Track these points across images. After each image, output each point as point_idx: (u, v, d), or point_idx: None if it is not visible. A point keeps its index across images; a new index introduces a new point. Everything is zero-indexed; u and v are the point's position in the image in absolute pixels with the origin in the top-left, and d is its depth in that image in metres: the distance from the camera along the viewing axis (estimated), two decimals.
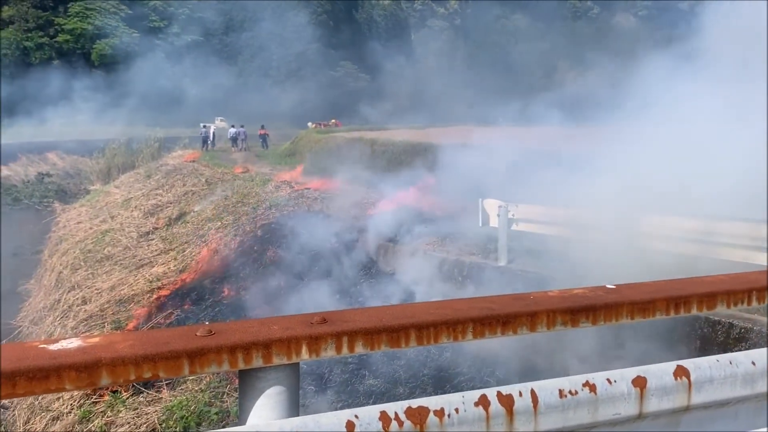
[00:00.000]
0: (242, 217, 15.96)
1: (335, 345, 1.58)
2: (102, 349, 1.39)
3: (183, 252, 15.01)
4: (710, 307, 2.03)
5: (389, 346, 1.65)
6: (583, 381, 1.75)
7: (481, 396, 1.64)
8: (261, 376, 1.53)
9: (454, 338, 1.72)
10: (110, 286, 13.39)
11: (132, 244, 16.62)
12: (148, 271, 14.13)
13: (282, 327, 1.58)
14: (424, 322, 1.68)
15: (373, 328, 1.63)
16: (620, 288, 2.04)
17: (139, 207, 21.08)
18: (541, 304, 1.85)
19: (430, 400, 1.59)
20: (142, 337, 1.48)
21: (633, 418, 1.80)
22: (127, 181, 27.98)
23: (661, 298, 1.96)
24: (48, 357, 1.34)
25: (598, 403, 1.74)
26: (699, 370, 1.88)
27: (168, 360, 1.41)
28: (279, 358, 1.52)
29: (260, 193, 18.46)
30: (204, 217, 17.29)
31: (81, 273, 14.74)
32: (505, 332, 1.77)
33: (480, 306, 1.79)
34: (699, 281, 2.14)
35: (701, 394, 1.87)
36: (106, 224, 20.01)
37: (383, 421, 1.51)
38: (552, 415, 1.69)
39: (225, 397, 8.05)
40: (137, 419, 7.97)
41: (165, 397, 8.35)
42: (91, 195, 28.86)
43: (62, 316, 12.26)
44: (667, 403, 1.83)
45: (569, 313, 1.85)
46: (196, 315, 11.39)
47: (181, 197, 20.93)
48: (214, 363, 1.46)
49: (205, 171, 24.56)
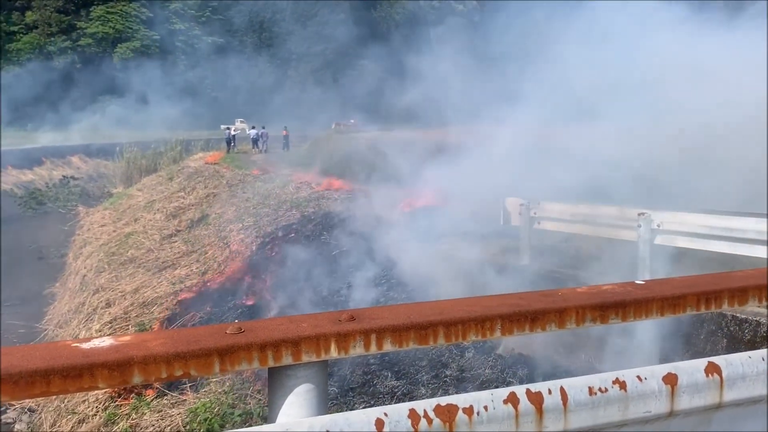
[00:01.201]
0: (263, 219, 16.03)
1: (363, 342, 1.58)
2: (134, 348, 1.40)
3: (205, 254, 15.11)
4: (742, 303, 2.00)
5: (417, 344, 1.65)
6: (613, 378, 1.73)
7: (510, 393, 1.62)
8: (290, 373, 1.53)
9: (482, 335, 1.71)
10: (134, 288, 13.50)
11: (155, 247, 16.77)
12: (171, 274, 14.24)
13: (311, 324, 1.58)
14: (452, 319, 1.67)
15: (401, 326, 1.62)
16: (650, 284, 2.02)
17: (161, 209, 21.26)
18: (569, 300, 1.84)
19: (459, 398, 1.59)
20: (173, 336, 1.48)
21: (664, 415, 1.78)
22: (150, 183, 28.23)
23: (692, 294, 1.93)
24: (81, 355, 1.35)
25: (629, 400, 1.72)
26: (731, 366, 1.85)
27: (199, 358, 1.41)
28: (308, 355, 1.53)
29: (280, 194, 18.54)
30: (225, 219, 17.40)
31: (105, 276, 14.89)
32: (534, 329, 1.76)
33: (508, 303, 1.78)
34: (730, 276, 2.11)
35: (733, 391, 1.84)
36: (129, 227, 20.20)
37: (412, 418, 1.50)
38: (582, 413, 1.68)
39: (248, 399, 8.09)
40: (161, 421, 8.03)
41: (189, 399, 8.41)
42: (114, 198, 29.16)
43: (87, 319, 12.39)
44: (699, 401, 1.80)
45: (598, 310, 1.83)
46: (218, 317, 11.46)
47: (203, 199, 21.07)
48: (245, 360, 1.46)
49: (226, 173, 24.70)
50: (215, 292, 12.60)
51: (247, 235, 15.22)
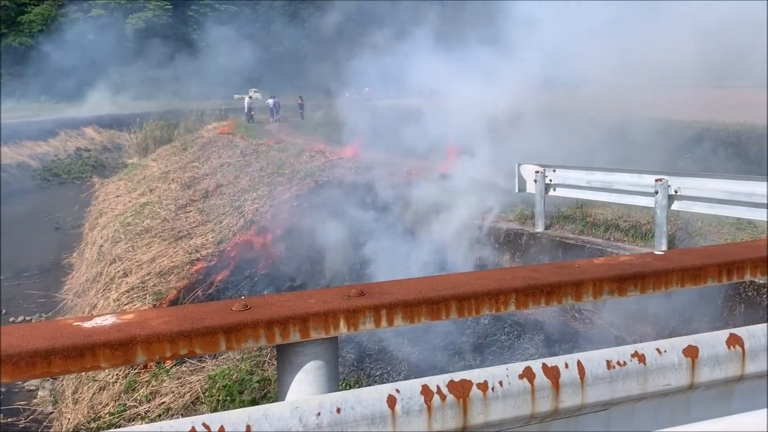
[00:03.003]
0: (277, 188, 16.01)
1: (374, 318, 1.54)
2: (136, 326, 1.36)
3: (220, 223, 15.15)
4: (765, 272, 1.94)
5: (429, 319, 1.60)
6: (631, 351, 1.69)
7: (525, 368, 1.58)
8: (299, 350, 1.50)
9: (496, 309, 1.66)
10: (150, 258, 13.57)
11: (170, 217, 16.82)
12: (187, 243, 14.29)
13: (319, 300, 1.54)
14: (464, 293, 1.63)
15: (413, 300, 1.58)
16: (669, 254, 1.96)
17: (176, 180, 21.31)
18: (586, 272, 1.78)
19: (473, 373, 1.55)
20: (177, 314, 1.45)
21: (684, 388, 1.73)
22: (164, 154, 28.28)
23: (713, 264, 1.87)
24: (82, 335, 1.32)
25: (648, 373, 1.68)
26: (753, 338, 1.79)
27: (204, 336, 1.38)
28: (317, 332, 1.49)
29: (294, 163, 18.50)
30: (240, 188, 17.40)
31: (121, 246, 14.97)
32: (550, 302, 1.71)
33: (523, 275, 1.73)
34: (752, 245, 2.04)
35: (755, 363, 1.79)
36: (144, 197, 20.27)
37: (425, 395, 1.47)
38: (600, 387, 1.63)
39: (266, 366, 8.14)
40: (181, 388, 8.10)
41: (208, 366, 8.48)
42: (128, 168, 29.24)
43: (104, 288, 12.48)
44: (720, 373, 1.76)
45: (616, 282, 1.78)
46: (235, 285, 11.52)
47: (217, 169, 21.08)
48: (251, 338, 1.43)
49: (240, 143, 24.66)
50: (231, 261, 12.65)
51: (261, 204, 15.22)
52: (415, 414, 1.45)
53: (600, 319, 7.81)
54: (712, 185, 7.30)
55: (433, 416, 1.46)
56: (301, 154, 19.84)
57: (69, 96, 53.57)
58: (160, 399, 8.07)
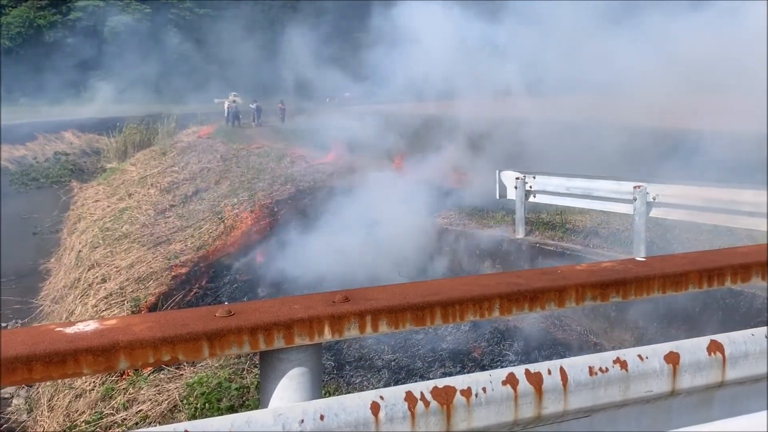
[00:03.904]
0: (258, 193, 15.96)
1: (358, 324, 1.54)
2: (119, 332, 1.35)
3: (200, 229, 15.05)
4: (745, 279, 1.96)
5: (414, 325, 1.60)
6: (613, 358, 1.70)
7: (509, 374, 1.59)
8: (283, 357, 1.49)
9: (480, 315, 1.67)
10: (129, 263, 13.45)
11: (149, 222, 16.69)
12: (166, 248, 14.18)
13: (303, 306, 1.54)
14: (449, 299, 1.63)
15: (398, 306, 1.58)
16: (651, 260, 1.97)
17: (155, 184, 21.15)
18: (569, 278, 1.79)
19: (457, 380, 1.55)
20: (160, 319, 1.43)
21: (665, 394, 1.75)
22: (143, 158, 28.06)
23: (694, 271, 1.89)
24: (64, 341, 1.30)
25: (630, 380, 1.69)
26: (734, 344, 1.81)
27: (187, 342, 1.36)
28: (301, 338, 1.48)
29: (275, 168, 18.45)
30: (220, 194, 17.31)
31: (100, 251, 14.82)
32: (533, 308, 1.72)
33: (507, 281, 1.74)
34: (733, 252, 2.07)
35: (736, 369, 1.81)
36: (123, 202, 20.09)
37: (409, 401, 1.47)
38: (582, 393, 1.64)
39: (245, 374, 8.09)
40: (159, 396, 8.03)
41: (186, 373, 8.41)
42: (107, 173, 28.98)
43: (82, 294, 12.35)
44: (701, 380, 1.77)
45: (599, 288, 1.79)
46: (214, 292, 11.44)
47: (197, 174, 20.96)
48: (235, 345, 1.42)
49: (220, 147, 24.55)
50: (210, 267, 12.58)
51: (242, 209, 15.15)
52: (399, 421, 1.45)
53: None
54: (689, 192, 7.38)
55: (417, 423, 1.46)
56: (282, 158, 19.79)
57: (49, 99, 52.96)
58: (138, 407, 7.99)
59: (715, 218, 7.20)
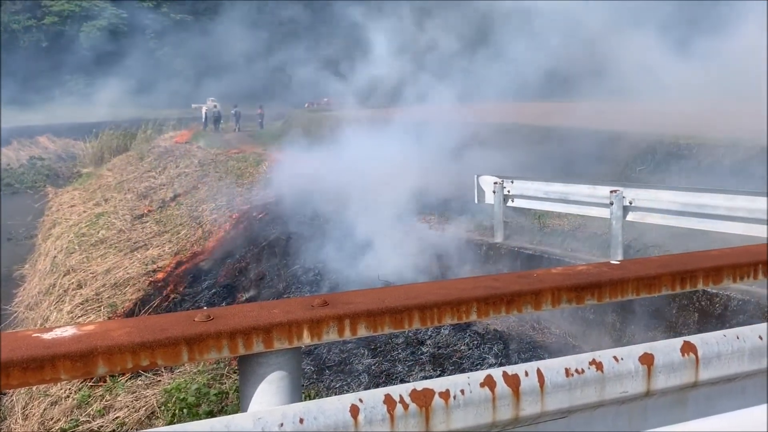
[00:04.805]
0: (236, 198, 15.89)
1: (337, 328, 1.55)
2: (97, 338, 1.35)
3: (178, 234, 14.97)
4: (716, 282, 2.00)
5: (392, 328, 1.61)
6: (589, 359, 1.72)
7: (486, 377, 1.60)
8: (262, 361, 1.49)
9: (458, 318, 1.68)
10: (105, 269, 13.34)
11: (126, 227, 16.56)
12: (143, 254, 14.09)
13: (282, 310, 1.54)
14: (427, 303, 1.64)
15: (376, 310, 1.59)
16: (625, 263, 2.01)
17: (132, 189, 20.99)
18: (545, 281, 1.82)
19: (435, 382, 1.56)
20: (139, 324, 1.43)
21: (640, 395, 1.77)
22: (120, 163, 27.85)
23: (667, 273, 1.92)
24: (42, 346, 1.30)
25: (605, 381, 1.71)
26: (706, 345, 1.84)
27: (166, 347, 1.36)
28: (280, 342, 1.48)
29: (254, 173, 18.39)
30: (198, 199, 17.22)
31: (75, 257, 14.68)
32: (510, 311, 1.74)
33: (484, 285, 1.76)
34: (704, 255, 2.10)
35: (709, 370, 1.84)
36: (99, 207, 19.92)
37: (388, 404, 1.48)
38: (559, 394, 1.66)
39: (224, 379, 8.06)
40: (136, 402, 7.97)
41: (164, 379, 8.35)
42: (83, 178, 28.71)
43: (58, 300, 12.22)
44: (675, 380, 1.80)
45: (574, 291, 1.81)
46: (192, 297, 11.37)
47: (174, 179, 20.83)
48: (214, 349, 1.42)
49: (197, 152, 24.42)
50: (188, 273, 12.50)
51: (220, 214, 15.09)
52: (378, 423, 1.46)
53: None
54: (665, 197, 7.48)
55: (396, 425, 1.47)
56: (261, 163, 19.73)
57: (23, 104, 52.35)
58: (114, 414, 7.92)
59: (688, 222, 7.30)
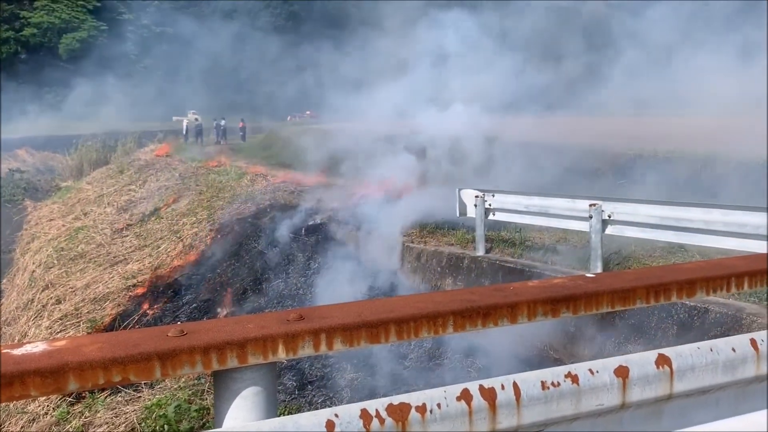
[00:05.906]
0: (217, 212, 15.82)
1: (313, 342, 1.54)
2: (68, 353, 1.33)
3: (158, 248, 14.85)
4: (690, 295, 2.02)
5: (369, 342, 1.61)
6: (565, 372, 1.72)
7: (463, 390, 1.60)
8: (236, 376, 1.48)
9: (434, 332, 1.68)
10: (85, 284, 13.20)
11: (106, 241, 16.42)
12: (123, 268, 13.96)
13: (257, 325, 1.53)
14: (403, 317, 1.64)
15: (352, 324, 1.58)
16: (600, 277, 2.02)
17: (112, 203, 20.83)
18: (521, 295, 1.82)
19: (412, 396, 1.56)
20: (111, 340, 1.42)
21: (616, 408, 1.78)
22: (100, 177, 27.64)
23: (641, 287, 1.94)
24: (11, 362, 1.28)
25: (581, 394, 1.72)
26: (680, 358, 1.86)
27: (138, 363, 1.35)
28: (255, 357, 1.47)
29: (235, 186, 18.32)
30: (178, 213, 17.12)
31: (54, 271, 14.52)
32: (486, 324, 1.74)
33: (460, 298, 1.76)
34: (678, 268, 2.13)
35: (683, 382, 1.85)
36: (79, 221, 19.73)
37: (364, 419, 1.47)
38: (535, 407, 1.66)
39: (205, 395, 7.99)
40: (116, 419, 7.87)
41: (144, 395, 8.26)
42: (62, 191, 28.44)
43: (36, 315, 12.07)
44: (650, 392, 1.81)
45: (549, 304, 1.82)
46: (173, 312, 11.28)
47: (155, 192, 20.70)
48: (187, 364, 1.40)
49: (178, 166, 24.30)
50: (169, 287, 12.40)
51: (200, 228, 15.00)
52: None
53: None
54: (643, 210, 7.54)
55: None
56: (242, 177, 19.67)
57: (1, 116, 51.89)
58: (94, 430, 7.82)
59: (665, 235, 7.36)
